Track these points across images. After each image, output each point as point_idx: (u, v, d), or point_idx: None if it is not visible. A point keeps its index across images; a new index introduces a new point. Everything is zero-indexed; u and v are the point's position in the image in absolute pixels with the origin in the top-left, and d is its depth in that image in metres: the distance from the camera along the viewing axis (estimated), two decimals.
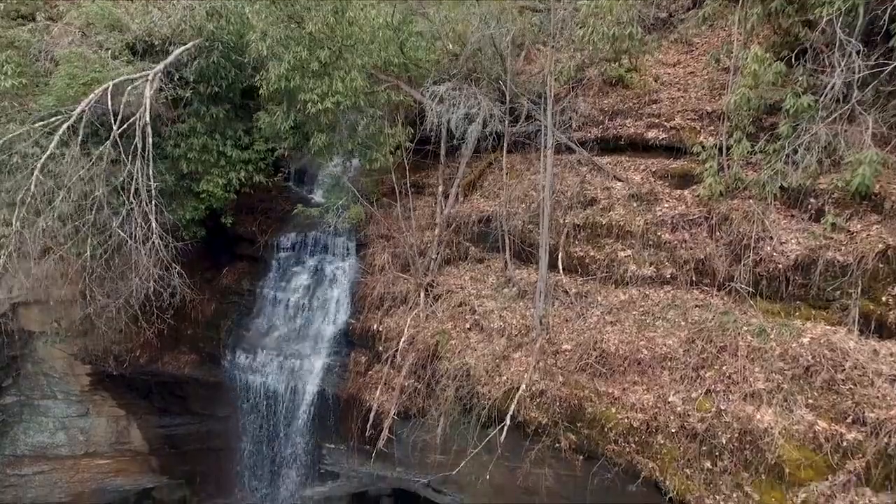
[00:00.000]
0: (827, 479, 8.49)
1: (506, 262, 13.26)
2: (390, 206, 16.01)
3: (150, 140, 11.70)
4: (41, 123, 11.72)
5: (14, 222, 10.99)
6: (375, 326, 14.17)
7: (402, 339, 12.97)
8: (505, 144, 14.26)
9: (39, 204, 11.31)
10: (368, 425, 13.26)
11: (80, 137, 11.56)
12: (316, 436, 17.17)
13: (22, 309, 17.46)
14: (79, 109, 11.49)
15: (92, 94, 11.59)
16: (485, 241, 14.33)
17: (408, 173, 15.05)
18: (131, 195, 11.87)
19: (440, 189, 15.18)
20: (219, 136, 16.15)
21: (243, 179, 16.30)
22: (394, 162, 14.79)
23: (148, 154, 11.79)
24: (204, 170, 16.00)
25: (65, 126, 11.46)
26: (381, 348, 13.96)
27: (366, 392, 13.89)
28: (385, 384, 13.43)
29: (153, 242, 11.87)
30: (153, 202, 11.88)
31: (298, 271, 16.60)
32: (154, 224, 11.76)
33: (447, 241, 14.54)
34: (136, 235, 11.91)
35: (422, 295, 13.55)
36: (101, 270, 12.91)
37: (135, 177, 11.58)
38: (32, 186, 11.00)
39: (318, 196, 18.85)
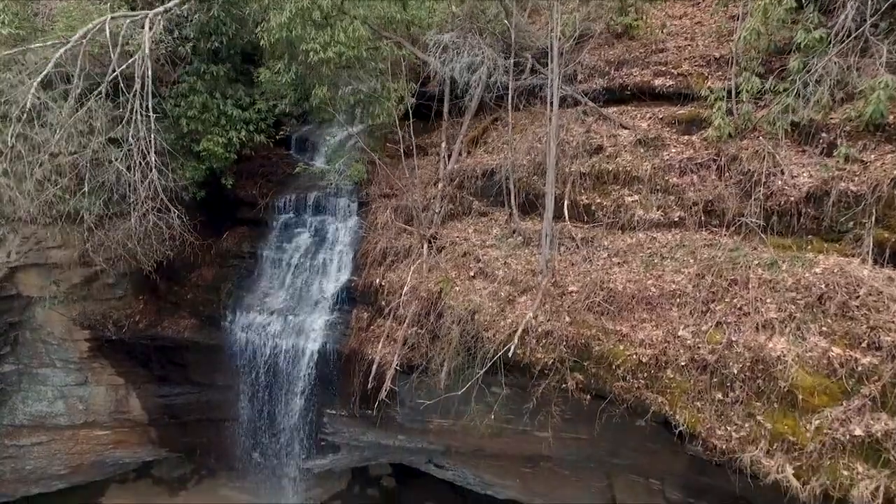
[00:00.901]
0: (841, 405, 8.29)
1: (511, 211, 13.05)
2: (393, 166, 15.86)
3: (149, 74, 11.51)
4: (39, 45, 11.52)
5: (9, 138, 10.78)
6: (378, 281, 13.97)
7: (405, 290, 12.77)
8: (510, 97, 14.04)
9: (36, 132, 11.08)
10: (370, 378, 13.04)
11: (77, 69, 11.35)
12: (317, 401, 16.97)
13: (20, 273, 17.23)
14: (77, 36, 11.29)
15: (90, 24, 11.40)
16: (489, 195, 14.13)
17: (411, 130, 14.89)
18: (129, 135, 11.66)
19: (443, 146, 15.02)
20: (219, 96, 16.00)
21: (244, 139, 16.13)
22: (397, 116, 14.60)
23: (147, 90, 11.60)
24: (204, 129, 15.85)
25: (62, 50, 11.25)
26: (383, 302, 13.75)
27: (368, 346, 13.68)
28: (387, 337, 13.22)
29: (151, 178, 11.68)
30: (152, 135, 11.68)
31: (299, 232, 16.42)
32: (152, 158, 11.56)
33: (451, 195, 14.35)
34: (134, 168, 11.71)
35: (425, 247, 13.36)
36: (99, 210, 12.65)
37: (134, 110, 11.37)
38: (28, 102, 10.78)
39: (319, 163, 18.66)
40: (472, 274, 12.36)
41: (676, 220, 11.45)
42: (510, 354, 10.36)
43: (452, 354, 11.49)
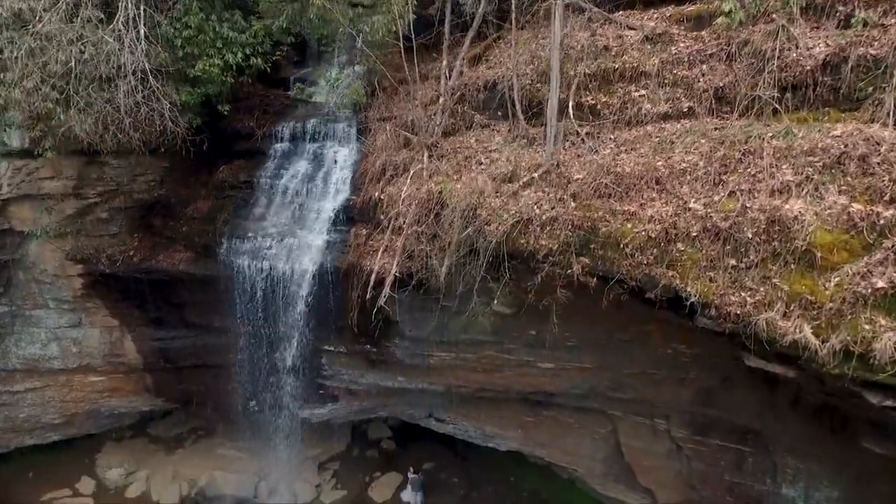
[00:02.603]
0: (862, 259, 7.87)
1: (513, 118, 12.63)
2: (392, 90, 15.55)
3: None
4: None
5: None
6: (377, 195, 13.57)
7: (404, 194, 12.35)
8: (512, 8, 13.67)
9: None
10: (369, 287, 12.60)
11: None
12: (314, 334, 16.56)
13: (13, 207, 16.87)
14: None
15: None
16: (490, 108, 13.78)
17: (414, 46, 14.55)
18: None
19: (444, 63, 14.67)
20: (215, 19, 15.66)
21: (241, 62, 15.75)
22: (400, 30, 14.26)
23: None
24: (200, 52, 15.49)
25: None
26: (382, 216, 13.34)
27: (366, 259, 13.26)
28: (386, 248, 12.80)
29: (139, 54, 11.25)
30: (142, 8, 11.28)
31: (297, 159, 16.05)
32: (142, 30, 11.16)
33: (451, 110, 13.98)
34: (122, 39, 11.30)
35: (425, 155, 12.96)
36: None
37: None
38: None
39: (318, 98, 18.34)
40: (474, 174, 11.96)
41: (686, 110, 11.06)
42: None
43: (454, 250, 11.07)
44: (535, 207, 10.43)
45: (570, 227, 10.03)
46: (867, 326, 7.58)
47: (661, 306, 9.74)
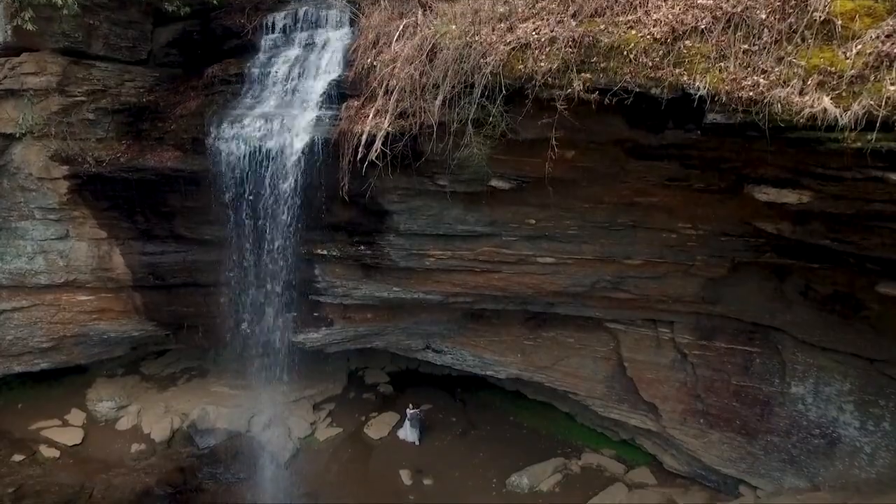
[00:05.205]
0: (888, 20, 7.27)
1: None
2: None
3: None
4: None
5: None
6: (369, 62, 13.01)
7: (396, 47, 11.76)
8: None
9: None
10: (360, 147, 12.02)
11: None
12: (305, 236, 16.00)
13: None
14: None
15: None
16: None
17: None
18: None
19: None
20: None
21: None
22: None
23: None
24: None
25: None
26: (375, 83, 12.77)
27: (357, 124, 12.69)
28: (378, 111, 12.22)
29: None
30: None
31: (289, 47, 15.53)
32: None
33: None
34: None
35: (420, 11, 12.39)
36: None
37: None
38: None
39: None
40: (470, 21, 11.37)
41: None
42: None
43: (447, 85, 10.47)
44: (534, 33, 9.84)
45: (569, 44, 9.43)
46: (892, 88, 6.97)
47: (668, 126, 9.16)
